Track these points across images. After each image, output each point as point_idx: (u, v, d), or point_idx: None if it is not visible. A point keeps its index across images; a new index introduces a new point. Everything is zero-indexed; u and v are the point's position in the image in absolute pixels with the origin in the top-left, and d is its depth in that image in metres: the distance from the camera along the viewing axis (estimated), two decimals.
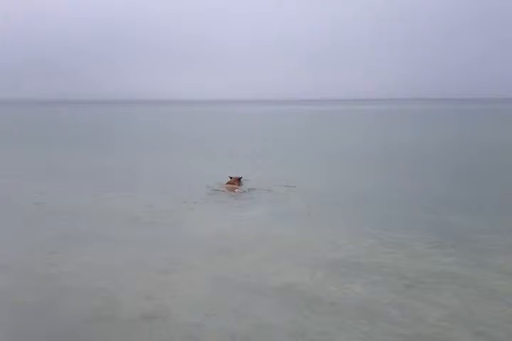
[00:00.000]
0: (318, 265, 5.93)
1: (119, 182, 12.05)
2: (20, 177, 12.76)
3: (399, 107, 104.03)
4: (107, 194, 10.43)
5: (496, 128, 33.73)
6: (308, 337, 4.24)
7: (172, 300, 4.98)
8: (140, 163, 15.80)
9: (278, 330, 4.35)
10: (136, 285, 5.36)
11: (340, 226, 7.74)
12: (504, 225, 7.66)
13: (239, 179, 11.07)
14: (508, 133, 28.62)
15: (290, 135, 28.60)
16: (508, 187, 11.18)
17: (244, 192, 10.46)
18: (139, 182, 12.04)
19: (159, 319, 4.60)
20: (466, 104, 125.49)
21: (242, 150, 20.18)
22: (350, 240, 6.92)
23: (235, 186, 10.68)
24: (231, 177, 11.04)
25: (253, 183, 11.26)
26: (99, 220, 8.20)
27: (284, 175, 12.82)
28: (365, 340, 4.16)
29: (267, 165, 15.03)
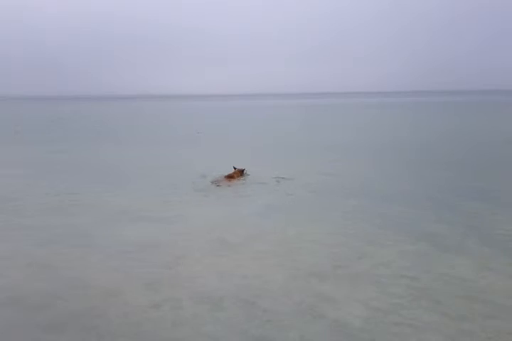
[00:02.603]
0: (317, 262, 6.06)
1: (121, 177, 12.12)
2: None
3: (394, 100, 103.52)
4: (112, 189, 10.53)
5: (490, 121, 33.70)
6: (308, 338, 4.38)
7: (178, 294, 5.12)
8: (141, 158, 15.89)
9: (286, 324, 4.50)
10: (138, 283, 5.42)
11: (340, 220, 7.83)
12: None
13: (241, 171, 11.19)
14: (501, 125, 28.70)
15: (288, 128, 28.57)
16: None
17: (243, 183, 10.64)
18: (138, 177, 12.04)
19: (165, 311, 4.74)
20: (457, 96, 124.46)
21: (242, 143, 20.36)
22: (348, 235, 7.04)
23: (233, 178, 10.86)
24: (235, 168, 11.20)
25: (254, 176, 11.42)
26: (98, 216, 8.20)
27: (284, 168, 12.98)
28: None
29: (268, 158, 15.16)
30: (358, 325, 4.39)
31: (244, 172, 11.30)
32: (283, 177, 11.35)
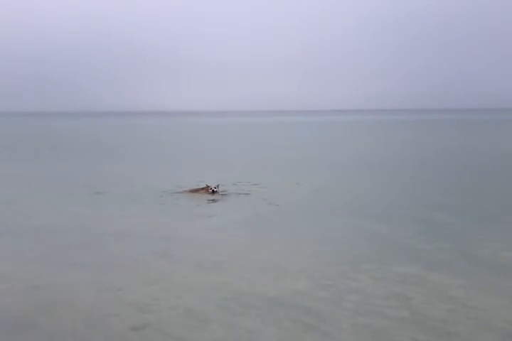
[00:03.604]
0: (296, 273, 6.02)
1: (103, 196, 12.07)
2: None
3: (391, 117, 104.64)
4: (97, 208, 10.52)
5: (489, 137, 34.12)
6: None
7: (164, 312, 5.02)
8: (125, 173, 15.89)
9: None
10: (127, 298, 5.38)
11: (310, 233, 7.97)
12: None
13: (208, 187, 11.46)
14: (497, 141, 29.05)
15: (283, 145, 28.71)
16: None
17: (213, 200, 11.02)
18: (116, 194, 12.03)
19: (150, 330, 4.63)
20: (455, 114, 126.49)
21: (229, 160, 20.48)
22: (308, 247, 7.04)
23: (197, 192, 11.47)
24: (207, 185, 11.53)
25: (233, 192, 11.79)
26: (81, 236, 8.09)
27: (263, 182, 13.31)
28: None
29: (250, 174, 15.33)
30: None
31: (212, 188, 11.45)
32: (261, 192, 11.77)
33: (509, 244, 7.29)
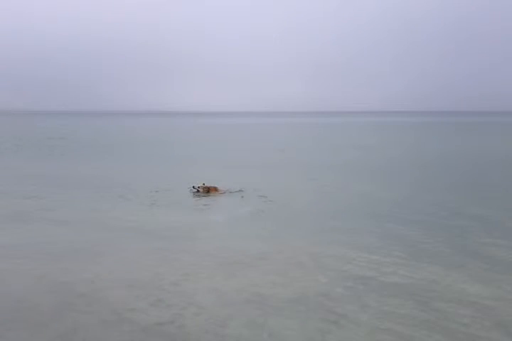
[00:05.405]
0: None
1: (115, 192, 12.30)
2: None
3: (397, 119, 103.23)
4: (110, 203, 10.81)
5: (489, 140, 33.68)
6: None
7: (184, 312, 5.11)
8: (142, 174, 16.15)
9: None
10: (145, 300, 5.42)
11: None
12: None
13: (202, 186, 11.99)
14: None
15: (292, 147, 28.55)
16: None
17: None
18: (119, 192, 12.28)
19: (174, 327, 4.73)
20: (459, 116, 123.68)
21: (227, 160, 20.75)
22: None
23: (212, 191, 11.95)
24: (204, 184, 12.12)
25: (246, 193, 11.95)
26: (103, 233, 8.27)
27: (262, 184, 13.44)
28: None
29: (256, 177, 15.37)
30: None
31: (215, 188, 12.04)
32: (264, 195, 11.71)
33: None
